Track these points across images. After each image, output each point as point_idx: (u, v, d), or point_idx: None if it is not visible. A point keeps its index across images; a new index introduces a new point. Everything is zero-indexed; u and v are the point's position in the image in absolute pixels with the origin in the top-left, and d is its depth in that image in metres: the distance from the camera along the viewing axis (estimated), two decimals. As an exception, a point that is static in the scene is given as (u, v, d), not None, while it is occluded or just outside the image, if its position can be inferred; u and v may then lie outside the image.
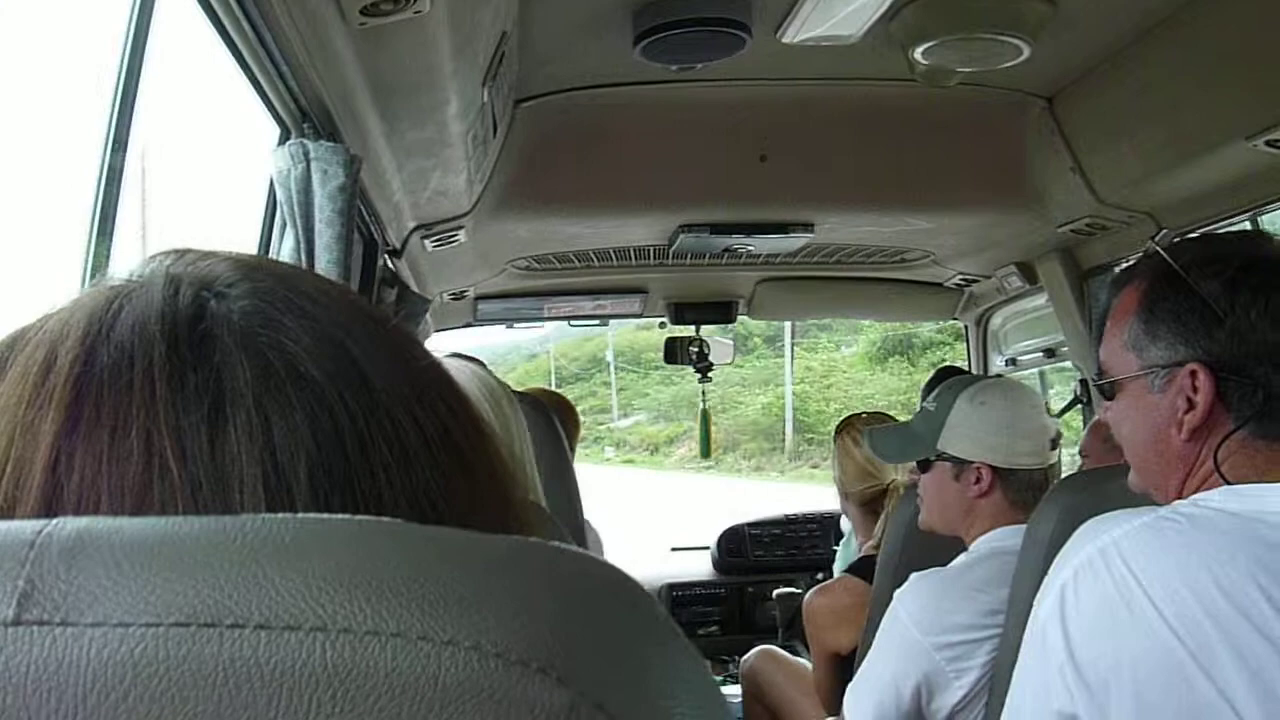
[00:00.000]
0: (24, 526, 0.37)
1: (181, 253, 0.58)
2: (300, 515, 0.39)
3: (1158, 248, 1.67)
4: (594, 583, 0.40)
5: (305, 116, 2.18)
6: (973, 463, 2.61)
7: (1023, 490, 2.59)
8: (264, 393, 0.49)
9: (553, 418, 3.00)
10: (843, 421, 3.82)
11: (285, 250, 2.22)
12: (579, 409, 4.70)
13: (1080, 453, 3.58)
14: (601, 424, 49.58)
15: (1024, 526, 2.34)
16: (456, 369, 0.56)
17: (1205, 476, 1.55)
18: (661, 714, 0.37)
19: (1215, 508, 1.47)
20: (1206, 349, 1.55)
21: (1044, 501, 2.14)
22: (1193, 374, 1.56)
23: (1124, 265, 3.83)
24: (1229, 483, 1.50)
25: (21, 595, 0.35)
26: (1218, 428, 1.55)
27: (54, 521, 0.37)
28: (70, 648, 0.34)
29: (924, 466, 2.72)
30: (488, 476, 0.56)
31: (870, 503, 3.57)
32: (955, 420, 2.65)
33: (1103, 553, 1.48)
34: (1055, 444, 2.63)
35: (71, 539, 0.36)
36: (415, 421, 0.53)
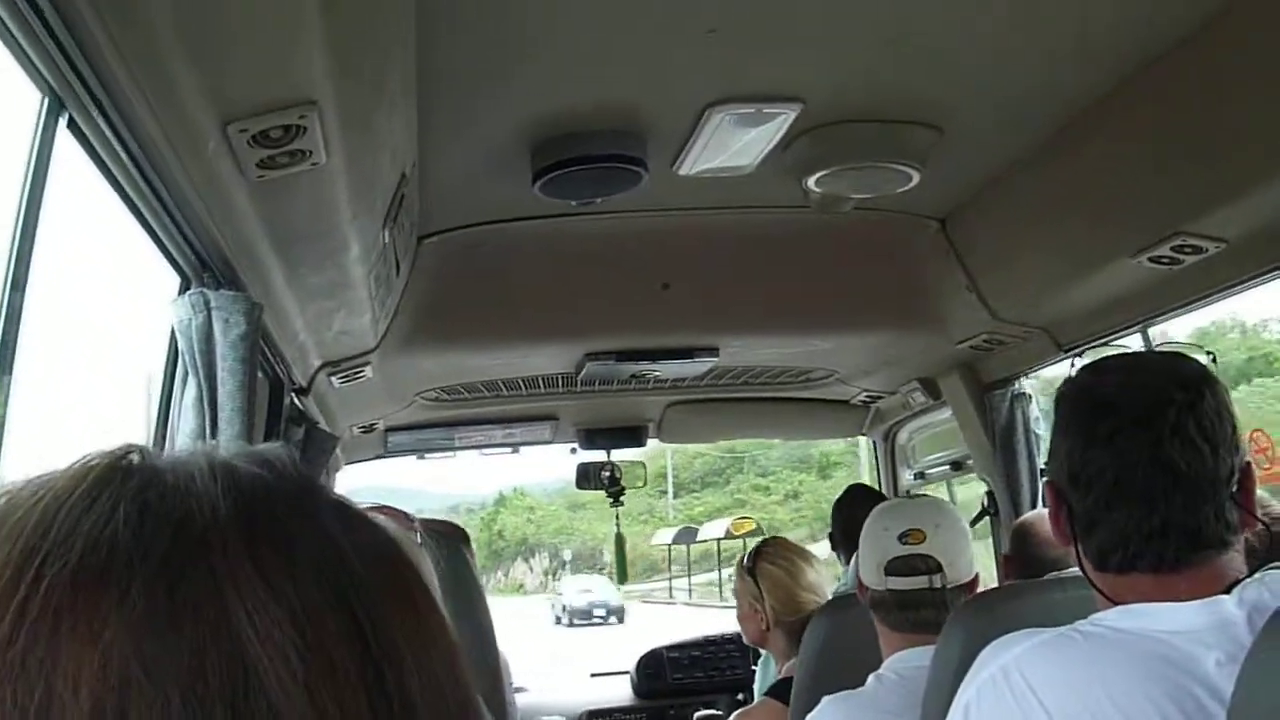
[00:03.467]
0: None
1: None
2: None
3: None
4: None
5: (205, 266, 2.19)
6: (859, 574, 2.65)
7: (876, 608, 2.58)
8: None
9: (463, 549, 2.98)
10: (759, 548, 3.61)
11: (188, 398, 2.20)
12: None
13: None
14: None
15: (927, 648, 2.35)
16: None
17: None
18: None
19: (1111, 625, 1.50)
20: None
21: (949, 623, 2.15)
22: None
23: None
24: (1119, 603, 1.54)
25: None
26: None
27: None
28: None
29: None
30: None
31: (794, 633, 3.40)
32: None
33: (1004, 670, 1.51)
34: (897, 570, 2.54)
35: None
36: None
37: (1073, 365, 1.74)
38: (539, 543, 61.72)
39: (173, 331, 2.25)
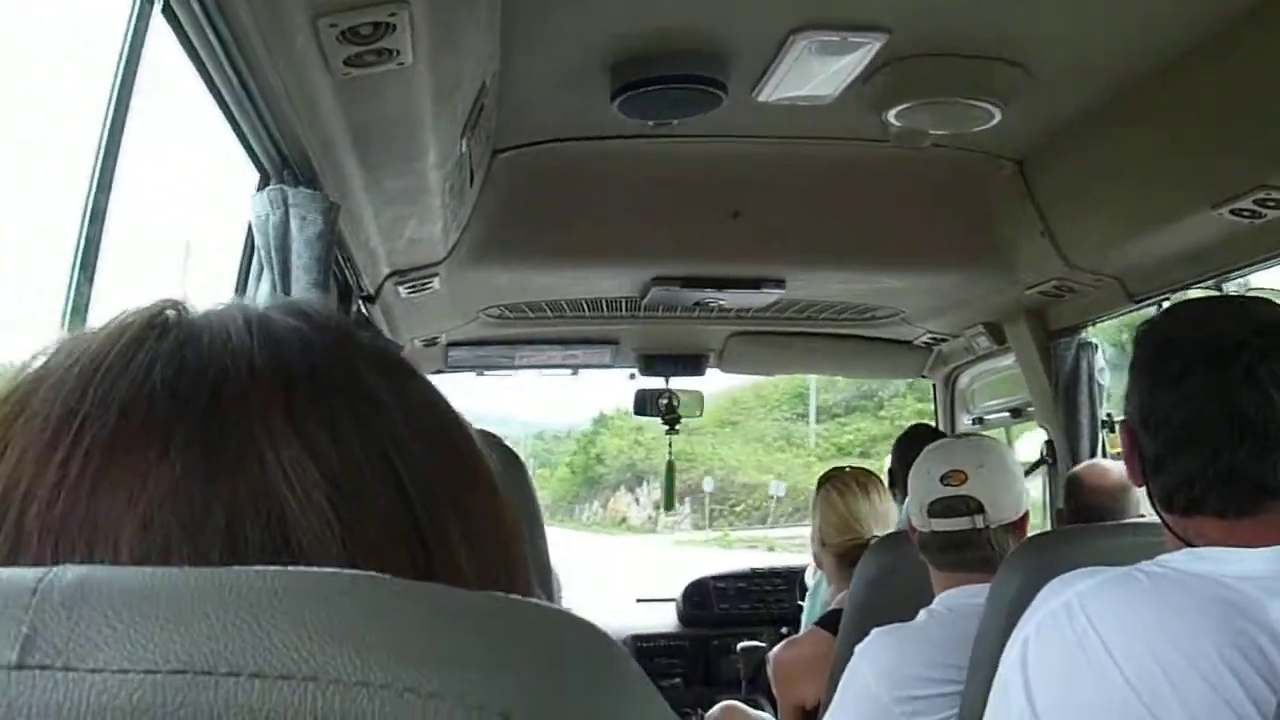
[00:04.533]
0: (26, 574, 0.38)
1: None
2: (295, 568, 0.40)
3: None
4: (573, 640, 0.41)
5: (285, 163, 2.20)
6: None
7: (925, 551, 2.60)
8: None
9: (524, 464, 3.01)
10: (827, 474, 3.80)
11: (261, 293, 2.22)
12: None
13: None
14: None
15: (979, 586, 2.36)
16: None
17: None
18: None
19: (1176, 567, 1.50)
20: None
21: (1006, 562, 2.16)
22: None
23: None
24: (1189, 544, 1.53)
25: (25, 640, 0.36)
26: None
27: (55, 569, 0.38)
28: (72, 692, 0.35)
29: None
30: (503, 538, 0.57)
31: (847, 555, 3.54)
32: None
33: (1066, 606, 1.51)
34: (937, 512, 2.57)
35: (73, 587, 0.37)
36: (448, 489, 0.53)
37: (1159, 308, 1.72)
38: (649, 470, 49.99)
39: (249, 227, 2.27)
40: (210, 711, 0.35)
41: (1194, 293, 3.24)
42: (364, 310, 3.37)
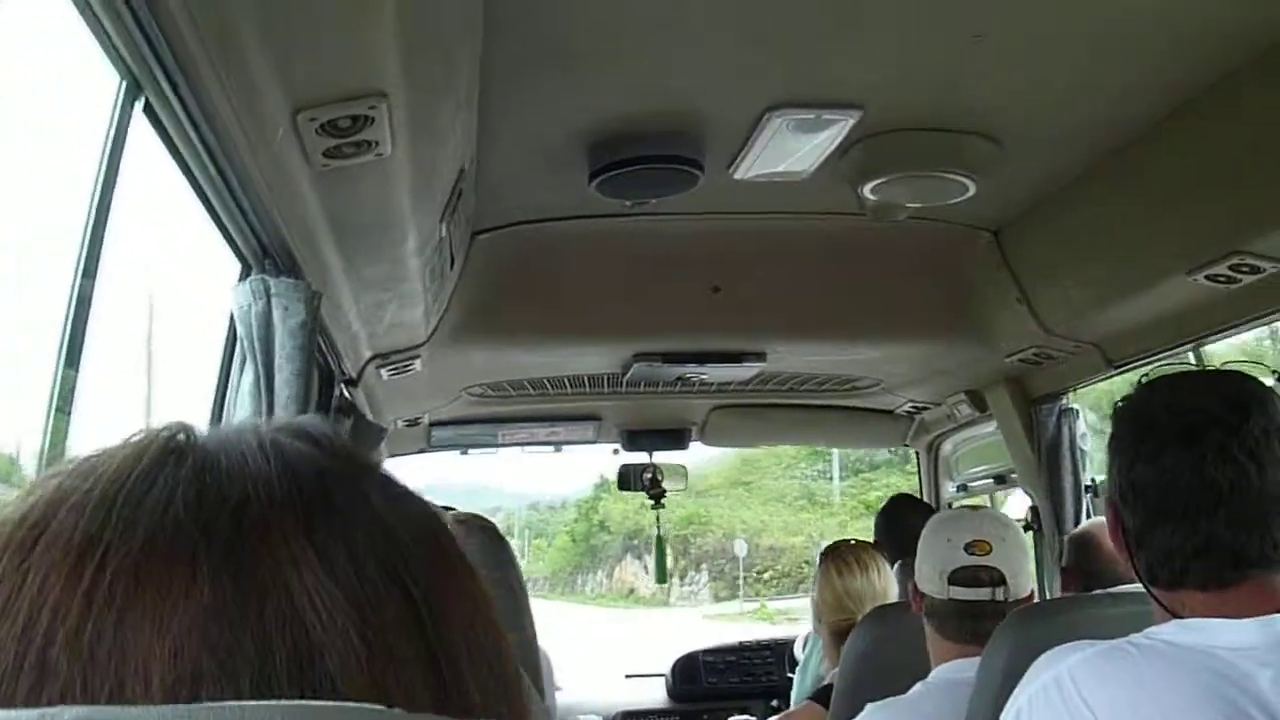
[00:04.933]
0: (24, 715, 0.38)
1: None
2: (311, 703, 0.40)
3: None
4: None
5: (266, 253, 2.21)
6: (914, 582, 2.64)
7: (933, 616, 2.58)
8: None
9: (508, 545, 3.00)
10: (829, 548, 3.80)
11: (245, 384, 2.22)
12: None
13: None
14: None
15: (977, 659, 2.35)
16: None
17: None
18: None
19: (1166, 639, 1.50)
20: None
21: (998, 633, 2.15)
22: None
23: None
24: (1177, 616, 1.54)
25: None
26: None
27: (53, 710, 0.38)
28: None
29: None
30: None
31: (841, 632, 3.54)
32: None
33: (1057, 680, 1.52)
34: (960, 580, 2.55)
35: None
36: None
37: (1140, 381, 1.74)
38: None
39: (232, 317, 2.28)
40: None
41: (1172, 357, 3.26)
42: (346, 394, 3.37)
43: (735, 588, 43.69)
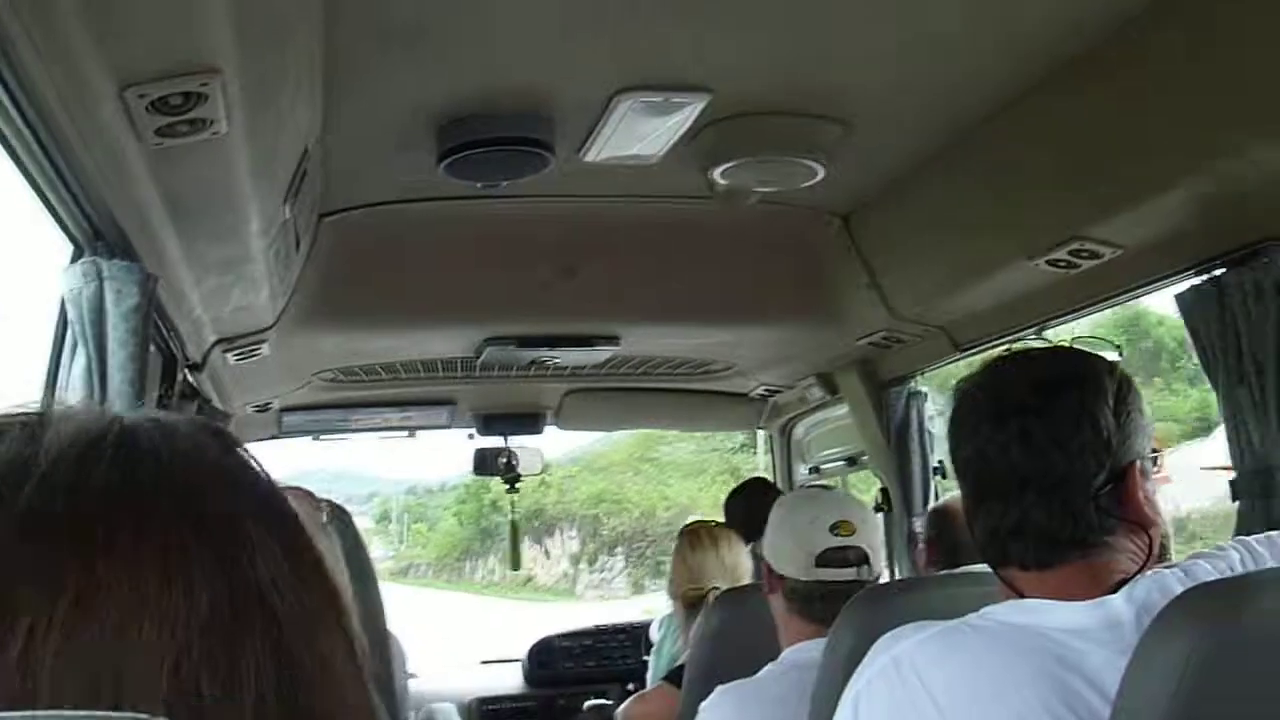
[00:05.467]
0: None
1: None
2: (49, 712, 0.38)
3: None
4: None
5: (99, 234, 2.13)
6: (769, 564, 2.65)
7: (793, 599, 2.59)
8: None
9: (356, 525, 2.95)
10: (685, 527, 3.93)
11: (76, 369, 2.14)
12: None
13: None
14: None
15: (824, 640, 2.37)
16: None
17: None
18: None
19: (1000, 620, 1.52)
20: None
21: (842, 614, 2.17)
22: None
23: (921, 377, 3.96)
24: (1018, 592, 1.56)
25: None
26: None
27: None
28: None
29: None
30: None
31: (693, 606, 3.59)
32: (769, 521, 2.69)
33: (895, 661, 1.53)
34: (829, 561, 2.56)
35: None
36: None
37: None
38: (562, 515, 41.58)
39: (62, 301, 2.20)
40: None
41: (1016, 342, 3.32)
42: (191, 379, 3.29)
43: (659, 573, 39.37)
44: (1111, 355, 1.74)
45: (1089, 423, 1.53)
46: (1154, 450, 1.60)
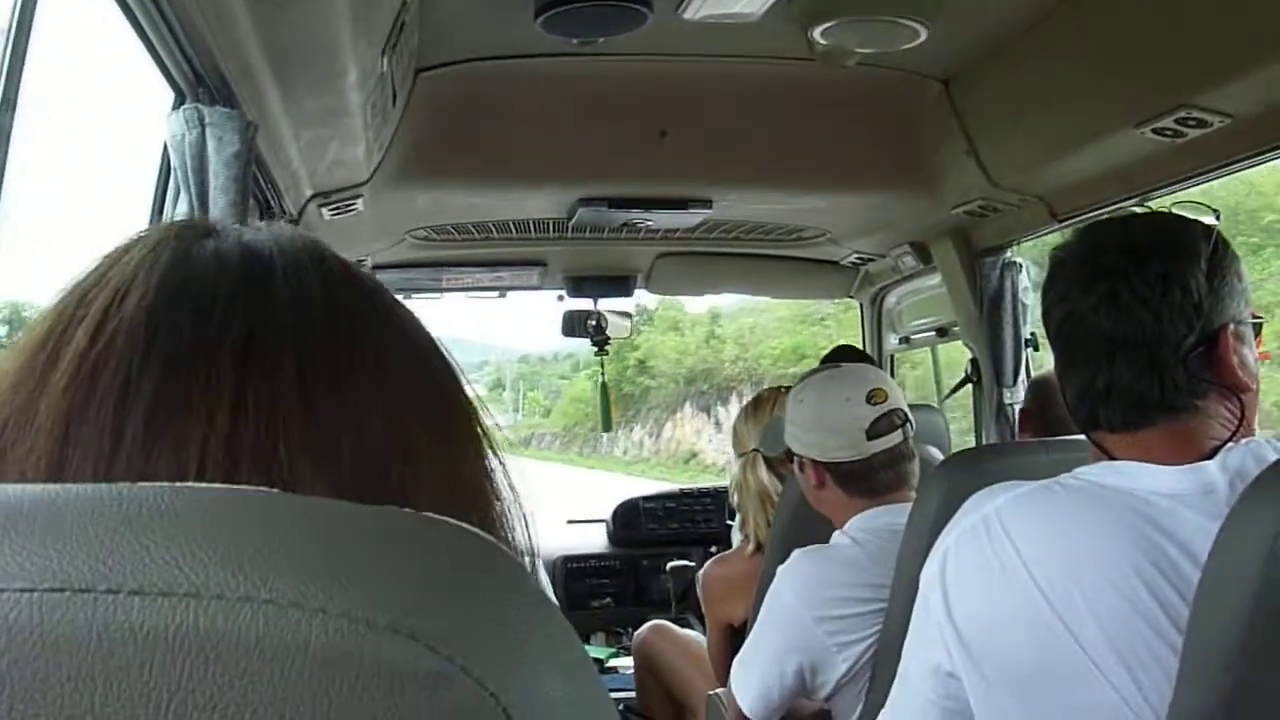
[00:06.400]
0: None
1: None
2: (179, 484, 0.39)
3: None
4: (462, 552, 0.41)
5: (200, 81, 2.15)
6: (802, 458, 2.67)
7: (853, 481, 2.62)
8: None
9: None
10: (755, 397, 3.82)
11: (179, 215, 2.18)
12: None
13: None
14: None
15: (889, 507, 2.41)
16: None
17: None
18: (528, 679, 0.38)
19: (1092, 480, 1.52)
20: None
21: (929, 478, 2.18)
22: None
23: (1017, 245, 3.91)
24: (1110, 456, 1.56)
25: None
26: None
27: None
28: None
29: (789, 457, 2.78)
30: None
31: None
32: (788, 417, 2.71)
33: (984, 520, 1.54)
34: (880, 431, 2.62)
35: None
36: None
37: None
38: (737, 378, 33.82)
39: (165, 147, 2.23)
40: (88, 630, 0.34)
41: (1118, 212, 3.26)
42: (287, 232, 3.32)
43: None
44: (1209, 219, 1.71)
45: (1178, 284, 1.52)
46: (1256, 317, 1.58)
